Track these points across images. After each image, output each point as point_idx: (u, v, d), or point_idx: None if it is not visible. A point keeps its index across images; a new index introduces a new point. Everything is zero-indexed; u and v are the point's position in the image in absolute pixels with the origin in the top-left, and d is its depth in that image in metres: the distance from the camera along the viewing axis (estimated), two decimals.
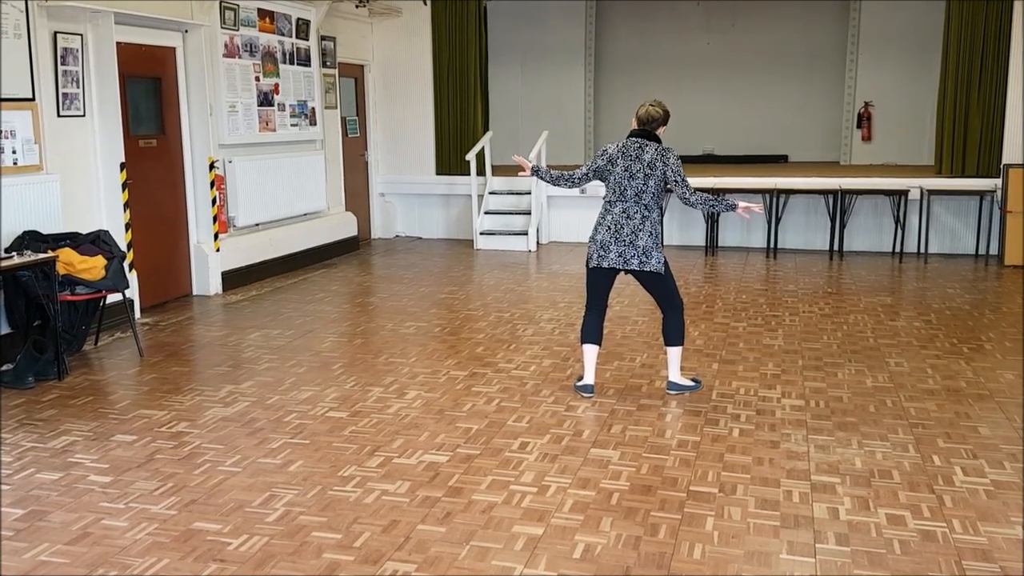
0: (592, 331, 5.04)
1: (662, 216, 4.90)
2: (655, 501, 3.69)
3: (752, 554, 3.26)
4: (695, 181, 10.18)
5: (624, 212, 4.83)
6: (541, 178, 5.17)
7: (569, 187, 5.11)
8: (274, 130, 8.89)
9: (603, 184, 4.96)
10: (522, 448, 4.28)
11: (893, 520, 3.51)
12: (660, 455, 4.18)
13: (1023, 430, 4.47)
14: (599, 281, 4.98)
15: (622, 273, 4.96)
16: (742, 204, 4.86)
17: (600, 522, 3.50)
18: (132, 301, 6.74)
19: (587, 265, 4.98)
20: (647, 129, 4.89)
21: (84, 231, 6.20)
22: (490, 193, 11.10)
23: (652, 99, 5.03)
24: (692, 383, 5.11)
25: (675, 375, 5.07)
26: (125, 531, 3.46)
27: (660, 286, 4.95)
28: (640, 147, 4.83)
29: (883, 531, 3.42)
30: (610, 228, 4.85)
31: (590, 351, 5.05)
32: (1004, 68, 9.53)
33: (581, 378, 5.12)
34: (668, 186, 4.84)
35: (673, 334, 5.02)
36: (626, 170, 4.81)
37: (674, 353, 5.06)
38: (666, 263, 4.90)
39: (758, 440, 4.36)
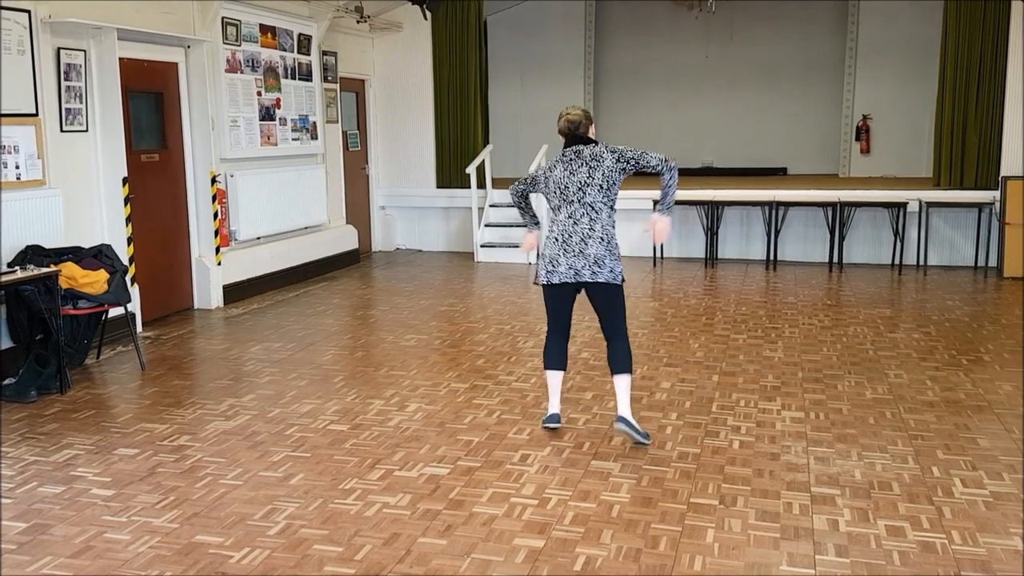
0: (554, 356, 4.61)
1: (614, 221, 4.45)
2: (656, 513, 3.70)
3: (752, 566, 3.27)
4: (694, 194, 10.35)
5: (570, 217, 4.40)
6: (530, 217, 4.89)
7: (519, 197, 4.79)
8: (276, 144, 8.94)
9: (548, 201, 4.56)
10: (523, 460, 4.29)
11: (893, 531, 3.52)
12: (660, 467, 4.19)
13: (1023, 442, 4.49)
14: (553, 299, 4.53)
15: (582, 291, 4.52)
16: (654, 219, 4.50)
17: (601, 534, 3.52)
18: (134, 315, 6.76)
19: (535, 282, 4.57)
20: (577, 135, 4.49)
21: (86, 245, 6.24)
22: (490, 206, 11.14)
23: (566, 108, 4.58)
24: (643, 434, 4.45)
25: (627, 409, 4.45)
26: (127, 544, 3.47)
27: (611, 303, 4.44)
28: (576, 151, 4.44)
29: (883, 542, 3.43)
30: (558, 239, 4.43)
31: (554, 378, 4.64)
32: (1002, 80, 9.58)
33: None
34: (640, 160, 4.40)
35: (621, 360, 4.46)
36: (565, 169, 4.42)
37: (624, 382, 4.46)
38: (622, 279, 4.45)
39: (758, 452, 4.38)
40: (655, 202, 4.54)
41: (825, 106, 13.43)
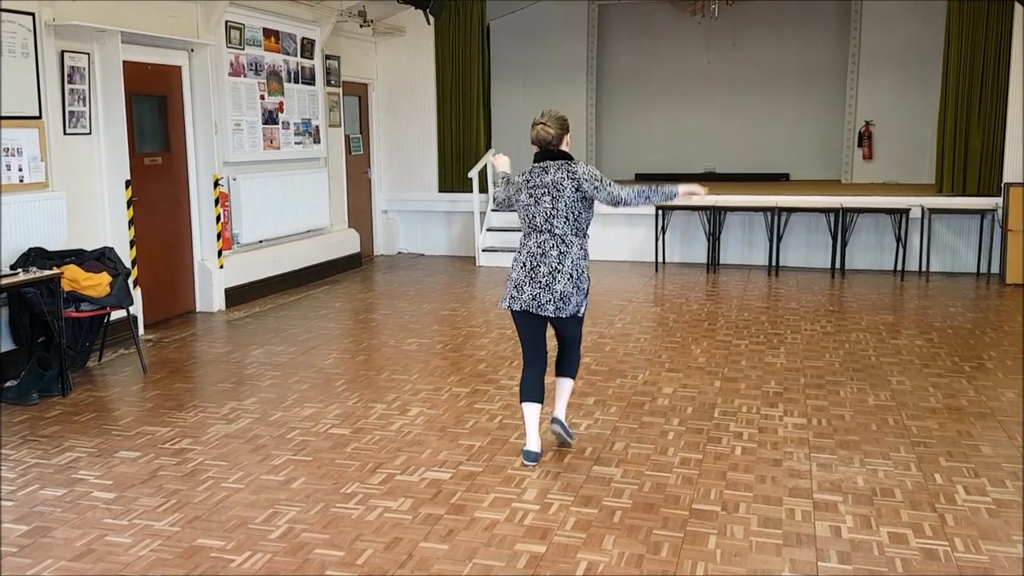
0: (530, 387, 4.31)
1: (586, 251, 4.25)
2: (658, 519, 3.70)
3: (755, 572, 3.26)
4: (695, 199, 10.31)
5: (539, 247, 4.19)
6: (498, 186, 4.54)
7: (498, 208, 4.57)
8: (278, 148, 8.95)
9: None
10: (524, 465, 4.28)
11: (895, 538, 3.51)
12: (662, 473, 4.19)
13: (1023, 447, 4.49)
14: (521, 325, 4.30)
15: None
16: (683, 188, 4.21)
17: (603, 540, 3.51)
18: (136, 318, 6.76)
19: (499, 305, 4.35)
20: (550, 149, 4.23)
21: (89, 248, 6.24)
22: (492, 210, 11.14)
23: (541, 114, 4.27)
24: (570, 434, 4.47)
25: (563, 411, 4.44)
26: (129, 548, 3.47)
27: (572, 329, 4.36)
28: (543, 170, 4.19)
29: (885, 549, 3.43)
30: (525, 265, 4.21)
31: (529, 411, 4.31)
32: (1004, 87, 9.58)
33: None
34: (595, 195, 4.16)
35: (571, 364, 4.43)
36: (530, 196, 4.19)
37: (567, 386, 4.45)
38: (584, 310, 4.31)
39: (760, 458, 4.37)
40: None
41: (827, 111, 13.43)
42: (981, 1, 9.67)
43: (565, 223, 4.17)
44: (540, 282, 4.17)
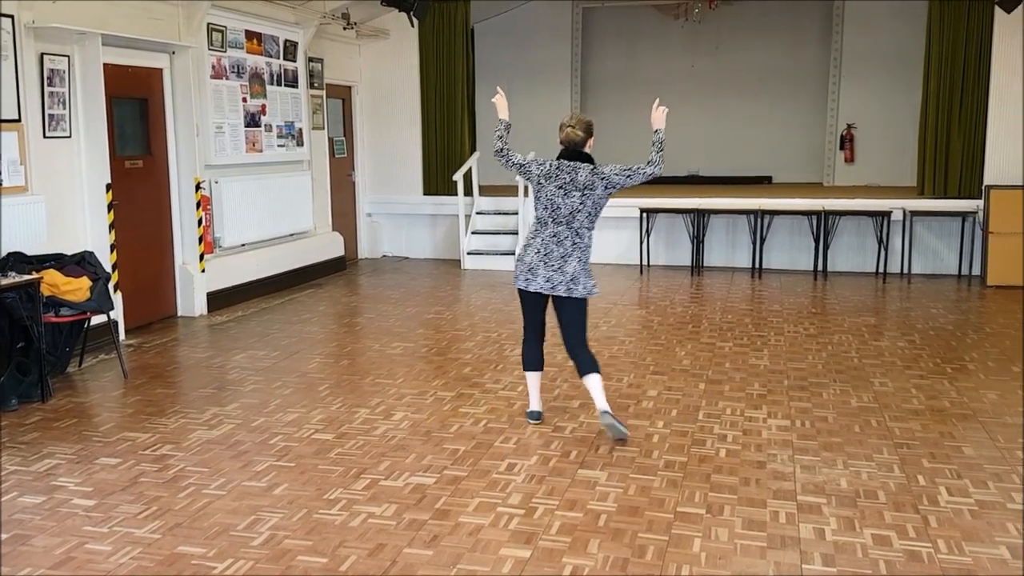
0: (531, 357, 4.88)
1: (592, 239, 4.73)
2: (642, 522, 3.69)
3: (739, 575, 3.26)
4: (679, 202, 10.38)
5: (554, 236, 4.65)
6: (498, 132, 4.88)
7: (501, 159, 4.85)
8: (261, 151, 8.90)
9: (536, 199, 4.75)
10: (509, 469, 4.27)
11: (879, 540, 3.52)
12: (647, 476, 4.18)
13: (1023, 447, 4.51)
14: (528, 304, 4.79)
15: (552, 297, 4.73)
16: (656, 123, 4.97)
17: (588, 544, 3.50)
18: (117, 322, 6.70)
19: (515, 283, 4.78)
20: (576, 150, 4.70)
21: (69, 252, 6.18)
22: (477, 213, 11.13)
23: (569, 116, 4.77)
24: (624, 428, 4.66)
25: (603, 402, 4.64)
26: (109, 555, 3.43)
27: (577, 314, 4.68)
28: (573, 169, 4.64)
29: (869, 551, 3.43)
30: (539, 251, 4.66)
31: (532, 378, 4.94)
32: (985, 90, 9.66)
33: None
34: (626, 183, 4.65)
35: (588, 363, 4.69)
36: (560, 187, 4.62)
37: (596, 380, 4.67)
38: (591, 292, 4.69)
39: (744, 460, 4.37)
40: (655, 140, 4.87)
41: (809, 115, 13.49)
42: (962, 3, 9.75)
43: (587, 218, 4.67)
44: (553, 265, 4.64)
